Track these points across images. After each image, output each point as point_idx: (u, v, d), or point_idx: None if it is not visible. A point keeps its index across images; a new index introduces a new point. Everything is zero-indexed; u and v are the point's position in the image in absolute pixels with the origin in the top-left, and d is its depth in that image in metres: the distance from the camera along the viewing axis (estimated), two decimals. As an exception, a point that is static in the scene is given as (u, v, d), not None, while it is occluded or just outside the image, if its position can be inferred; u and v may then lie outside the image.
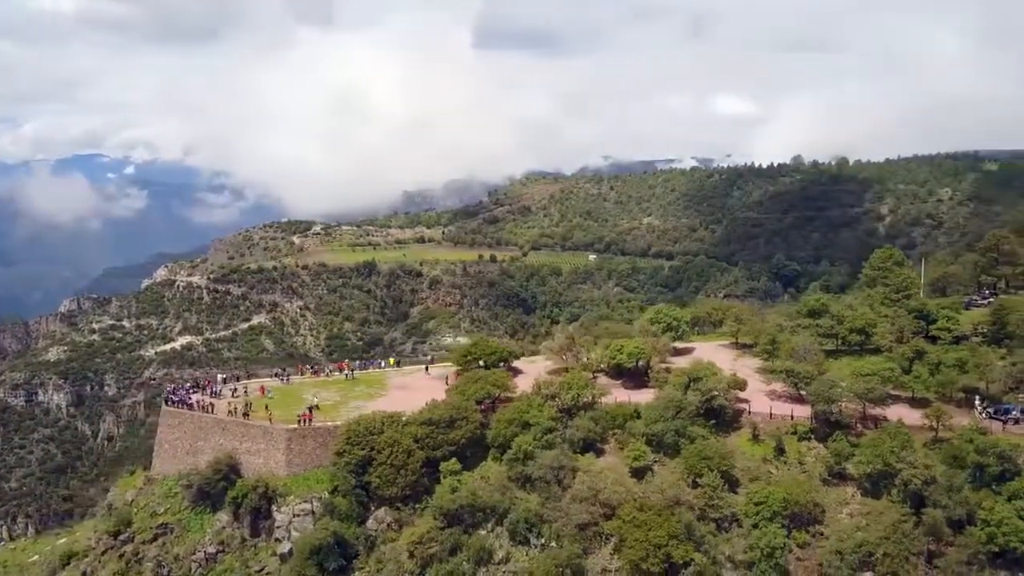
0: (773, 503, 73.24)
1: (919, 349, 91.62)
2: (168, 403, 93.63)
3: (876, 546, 69.24)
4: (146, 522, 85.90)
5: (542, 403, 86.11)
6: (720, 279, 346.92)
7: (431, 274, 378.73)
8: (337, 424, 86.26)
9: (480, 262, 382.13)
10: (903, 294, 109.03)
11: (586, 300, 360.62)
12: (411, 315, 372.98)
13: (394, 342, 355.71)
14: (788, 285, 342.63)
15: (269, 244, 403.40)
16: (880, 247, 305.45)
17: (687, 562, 71.58)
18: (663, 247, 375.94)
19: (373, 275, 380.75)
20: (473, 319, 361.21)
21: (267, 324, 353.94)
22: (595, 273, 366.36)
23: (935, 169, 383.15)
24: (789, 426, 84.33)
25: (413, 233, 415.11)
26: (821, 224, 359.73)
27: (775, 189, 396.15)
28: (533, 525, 77.87)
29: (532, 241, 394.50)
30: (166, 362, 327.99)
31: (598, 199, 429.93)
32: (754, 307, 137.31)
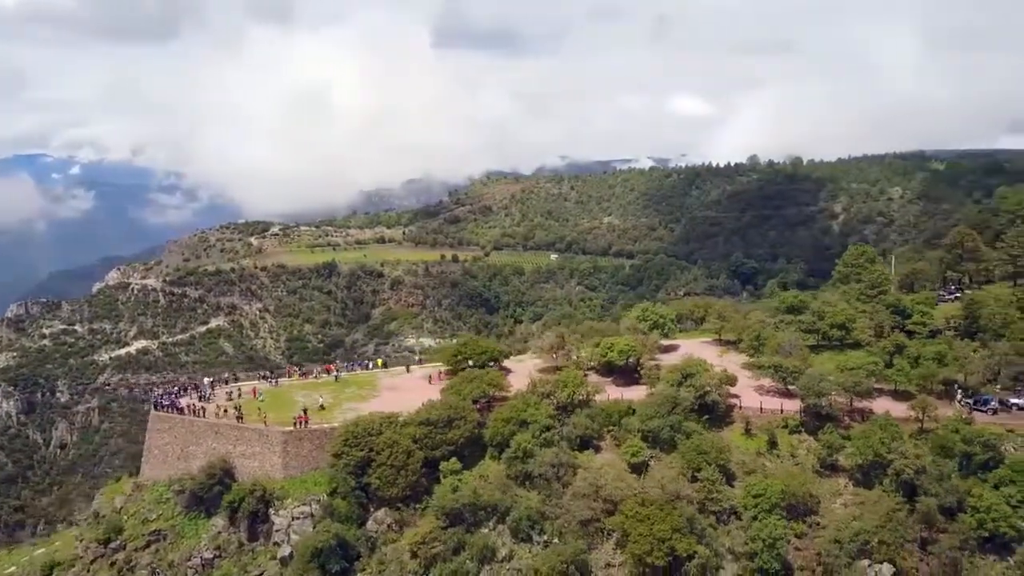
0: (772, 495, 74.90)
1: (899, 343, 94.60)
2: (157, 408, 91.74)
3: (872, 534, 71.33)
4: (138, 529, 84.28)
5: (538, 401, 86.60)
6: (680, 277, 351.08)
7: (392, 275, 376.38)
8: (334, 426, 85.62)
9: (442, 262, 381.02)
10: (878, 290, 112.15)
11: (549, 299, 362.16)
12: (373, 316, 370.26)
13: (355, 344, 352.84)
14: (746, 283, 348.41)
15: (226, 245, 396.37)
16: (833, 245, 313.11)
17: (690, 555, 72.86)
18: (623, 246, 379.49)
19: (333, 276, 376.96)
20: (436, 320, 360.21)
21: (226, 327, 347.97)
22: (557, 272, 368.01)
23: (885, 168, 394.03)
24: (780, 420, 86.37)
25: (373, 233, 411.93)
26: (777, 222, 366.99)
27: (732, 188, 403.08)
28: (535, 523, 78.46)
29: (494, 241, 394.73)
30: (121, 367, 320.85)
31: (559, 199, 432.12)
32: (732, 304, 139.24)
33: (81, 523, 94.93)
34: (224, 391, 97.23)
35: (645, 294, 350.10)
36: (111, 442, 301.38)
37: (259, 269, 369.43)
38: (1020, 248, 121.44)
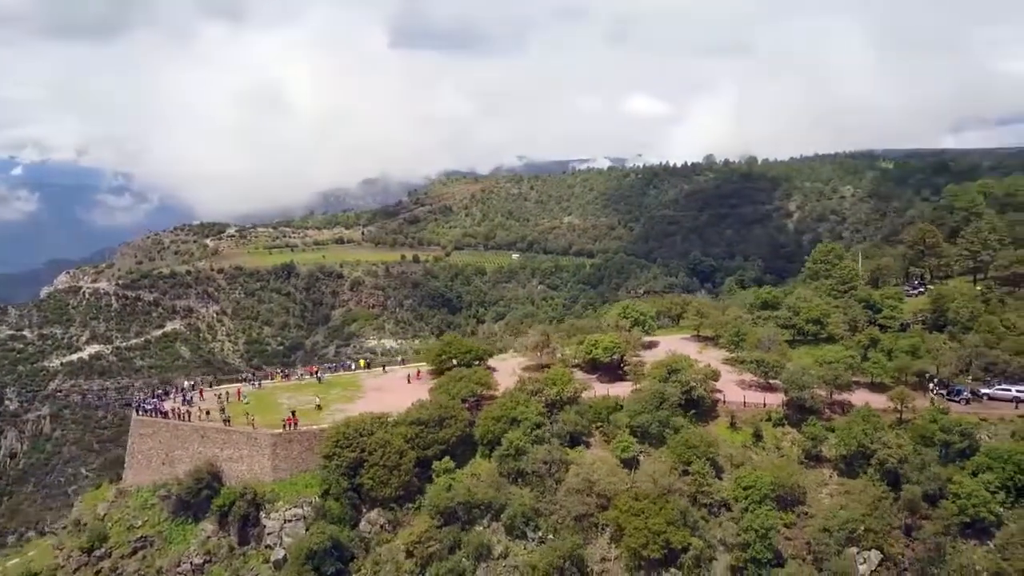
0: (762, 486, 76.61)
1: (874, 337, 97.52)
2: (140, 412, 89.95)
3: (859, 522, 73.51)
4: (123, 536, 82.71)
5: (527, 399, 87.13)
6: (640, 276, 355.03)
7: (352, 276, 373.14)
8: (323, 427, 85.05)
9: (403, 263, 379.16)
10: (848, 286, 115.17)
11: (511, 299, 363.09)
12: (333, 318, 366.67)
13: (316, 346, 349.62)
14: (704, 280, 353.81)
15: (181, 247, 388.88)
16: (788, 243, 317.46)
17: (685, 547, 74.34)
18: (584, 245, 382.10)
19: (292, 278, 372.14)
20: (398, 321, 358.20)
21: (182, 331, 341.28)
22: (519, 272, 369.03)
23: (837, 168, 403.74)
24: (763, 413, 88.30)
25: (332, 234, 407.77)
26: (734, 221, 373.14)
27: (690, 188, 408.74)
28: (529, 519, 79.10)
29: (455, 241, 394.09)
30: (73, 373, 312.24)
31: (519, 199, 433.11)
32: (710, 301, 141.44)
33: (58, 532, 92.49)
34: (211, 393, 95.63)
35: (606, 293, 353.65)
36: (64, 450, 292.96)
37: (216, 271, 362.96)
38: (980, 244, 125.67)
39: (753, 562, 73.51)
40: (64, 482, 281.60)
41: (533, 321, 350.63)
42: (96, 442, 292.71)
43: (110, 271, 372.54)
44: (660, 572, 74.84)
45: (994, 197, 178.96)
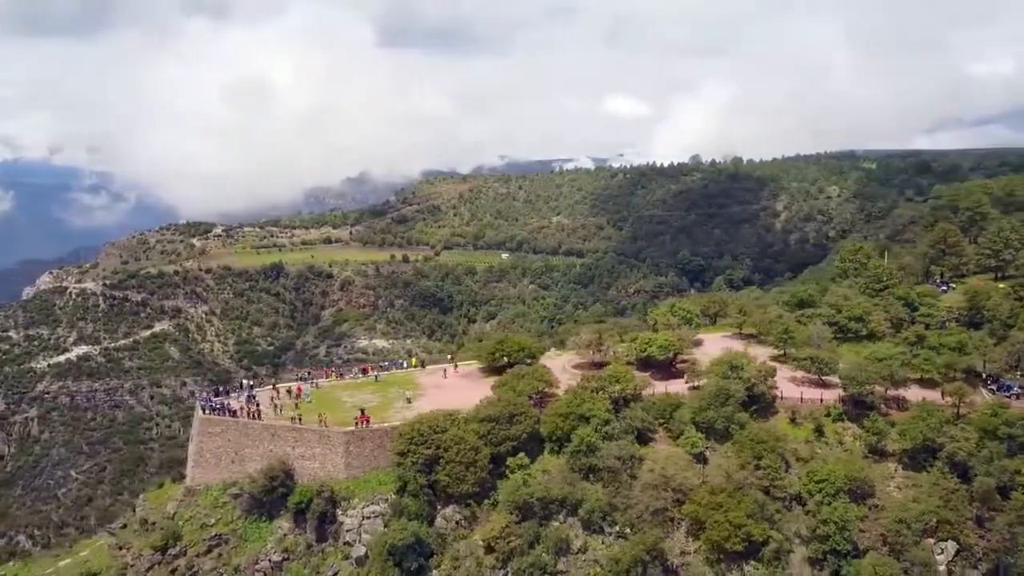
0: (835, 480, 78.46)
1: (919, 334, 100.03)
2: (206, 411, 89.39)
3: (934, 514, 75.70)
4: (196, 534, 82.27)
5: (593, 396, 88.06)
6: (630, 275, 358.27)
7: (342, 275, 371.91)
8: (394, 425, 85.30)
9: (392, 262, 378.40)
10: (883, 284, 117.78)
11: (502, 298, 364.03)
12: (323, 318, 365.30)
13: (306, 346, 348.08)
14: (694, 280, 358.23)
15: (167, 247, 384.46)
16: (775, 242, 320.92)
17: (765, 540, 75.93)
18: (573, 245, 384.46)
19: (281, 277, 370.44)
20: (389, 321, 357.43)
21: (171, 331, 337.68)
22: (510, 271, 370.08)
23: (822, 168, 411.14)
24: (822, 409, 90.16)
25: (319, 233, 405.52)
26: (722, 221, 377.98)
27: (677, 188, 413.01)
28: (606, 514, 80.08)
29: (444, 240, 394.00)
30: (61, 375, 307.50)
31: (507, 198, 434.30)
32: (750, 300, 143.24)
33: (116, 531, 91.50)
34: (266, 393, 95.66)
35: (596, 292, 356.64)
36: (52, 452, 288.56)
37: (204, 271, 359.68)
38: (1002, 243, 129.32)
39: (833, 553, 75.33)
40: (53, 485, 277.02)
41: (525, 321, 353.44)
42: (85, 444, 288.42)
43: (95, 271, 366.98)
44: (740, 565, 76.43)
45: (995, 197, 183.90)
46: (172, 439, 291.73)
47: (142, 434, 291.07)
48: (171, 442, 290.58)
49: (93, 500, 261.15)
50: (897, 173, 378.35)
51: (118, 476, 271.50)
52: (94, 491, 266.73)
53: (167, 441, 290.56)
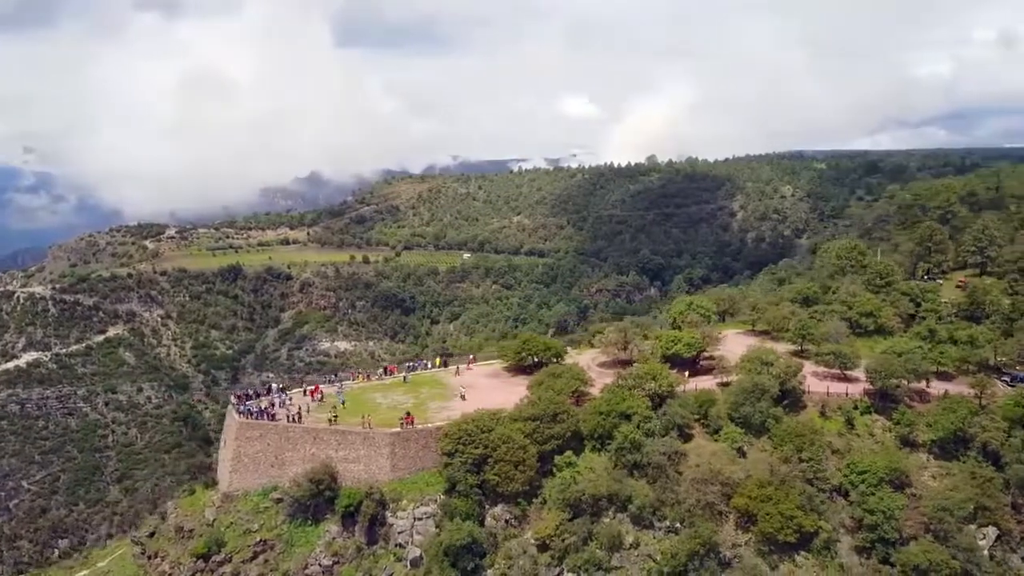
0: (878, 471, 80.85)
1: (931, 328, 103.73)
2: (244, 415, 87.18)
3: (974, 502, 78.71)
4: (240, 540, 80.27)
5: (632, 394, 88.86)
6: (592, 275, 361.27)
7: (301, 277, 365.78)
8: (439, 425, 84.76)
9: (352, 263, 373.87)
10: (885, 280, 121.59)
11: (465, 299, 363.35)
12: (283, 320, 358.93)
13: (266, 349, 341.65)
14: (654, 279, 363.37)
15: (118, 249, 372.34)
16: (733, 241, 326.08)
17: (815, 531, 77.87)
18: (534, 245, 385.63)
19: (238, 280, 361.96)
20: (351, 323, 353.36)
21: (125, 336, 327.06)
22: (472, 272, 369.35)
23: (775, 168, 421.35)
24: (850, 402, 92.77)
25: (276, 235, 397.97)
26: (680, 220, 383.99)
27: (635, 188, 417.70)
28: (656, 509, 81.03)
29: (404, 241, 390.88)
30: (10, 382, 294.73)
31: (466, 198, 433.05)
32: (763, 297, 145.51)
33: (142, 540, 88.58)
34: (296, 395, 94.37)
35: (560, 292, 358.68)
36: (3, 463, 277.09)
37: (158, 274, 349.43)
38: (987, 240, 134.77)
39: (881, 542, 77.61)
40: (4, 497, 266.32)
41: (489, 321, 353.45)
42: (38, 454, 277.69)
43: (42, 275, 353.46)
44: (792, 556, 78.20)
45: (959, 196, 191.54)
46: (129, 447, 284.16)
47: (97, 442, 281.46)
48: (127, 449, 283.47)
49: (47, 511, 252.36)
50: (848, 173, 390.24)
51: (73, 486, 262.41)
52: (48, 502, 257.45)
53: (124, 449, 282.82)
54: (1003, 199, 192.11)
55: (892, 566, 76.54)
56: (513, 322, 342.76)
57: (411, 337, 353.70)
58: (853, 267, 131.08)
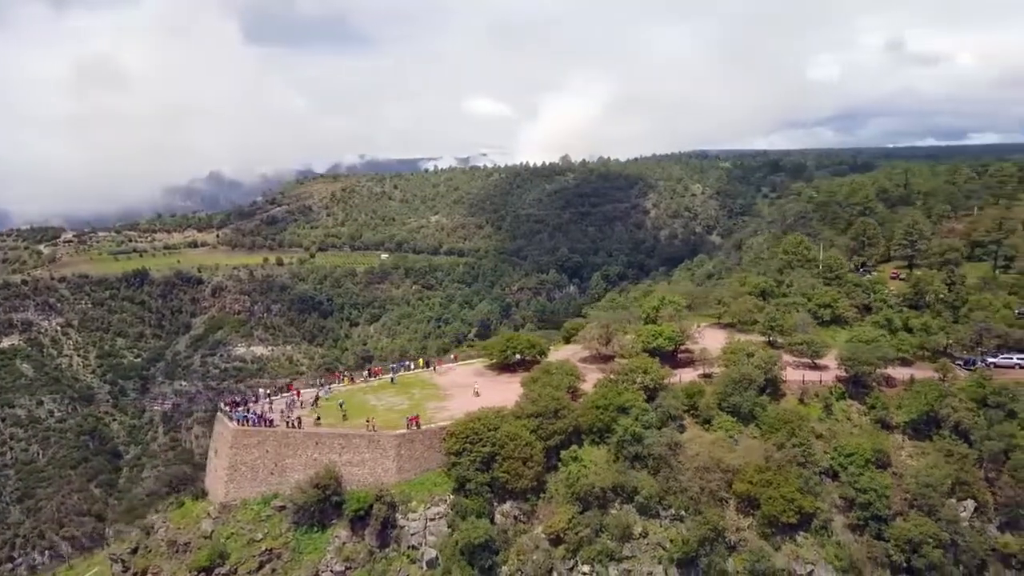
0: (864, 452, 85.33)
1: (888, 317, 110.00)
2: (239, 422, 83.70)
3: (953, 477, 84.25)
4: (244, 551, 77.17)
5: (627, 388, 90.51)
6: (513, 273, 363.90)
7: (213, 281, 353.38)
8: (443, 425, 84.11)
9: (266, 266, 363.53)
10: (835, 273, 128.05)
11: (385, 300, 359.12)
12: (194, 326, 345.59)
13: (178, 356, 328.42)
14: (573, 276, 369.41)
15: (9, 255, 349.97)
16: (646, 238, 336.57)
17: (814, 512, 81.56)
18: (454, 244, 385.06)
19: (145, 285, 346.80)
20: (267, 327, 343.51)
21: (22, 346, 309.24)
22: (392, 272, 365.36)
23: (684, 167, 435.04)
24: (825, 389, 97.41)
25: (183, 237, 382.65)
26: (596, 219, 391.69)
27: (552, 187, 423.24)
28: (661, 499, 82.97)
29: (319, 242, 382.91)
30: None
31: (382, 197, 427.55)
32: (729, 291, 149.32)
33: (122, 557, 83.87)
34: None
35: (481, 291, 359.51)
36: None
37: (56, 280, 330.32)
38: (916, 234, 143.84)
39: (874, 519, 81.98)
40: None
41: (411, 322, 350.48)
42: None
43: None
44: (793, 537, 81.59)
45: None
46: (29, 464, 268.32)
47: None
48: (28, 467, 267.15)
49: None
50: (752, 171, 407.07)
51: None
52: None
53: (24, 467, 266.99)
54: (911, 195, 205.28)
55: (886, 541, 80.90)
56: (436, 322, 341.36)
57: (330, 340, 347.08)
58: (799, 261, 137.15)
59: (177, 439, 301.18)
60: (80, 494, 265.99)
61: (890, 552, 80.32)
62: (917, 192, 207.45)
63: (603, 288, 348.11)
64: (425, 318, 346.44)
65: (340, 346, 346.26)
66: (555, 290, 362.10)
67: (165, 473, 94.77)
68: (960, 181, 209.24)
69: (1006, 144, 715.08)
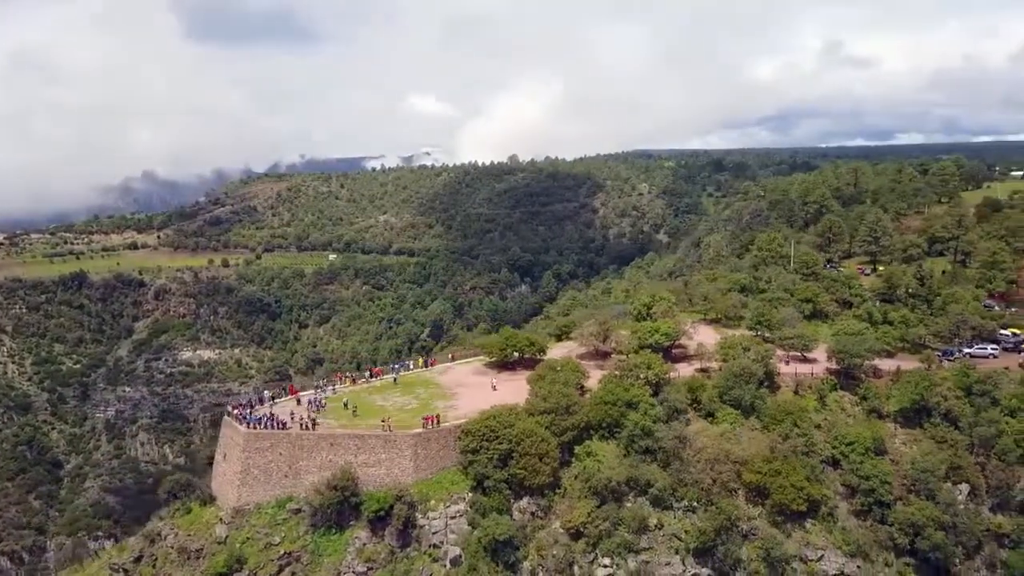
0: (864, 440, 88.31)
1: (869, 311, 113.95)
2: (252, 426, 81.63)
3: (948, 462, 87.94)
4: (262, 556, 75.54)
5: (633, 384, 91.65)
6: (465, 272, 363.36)
7: (156, 283, 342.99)
8: (458, 423, 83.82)
9: (211, 267, 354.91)
10: (811, 269, 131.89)
11: (335, 301, 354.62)
12: (137, 330, 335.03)
13: (120, 362, 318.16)
14: (525, 275, 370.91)
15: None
16: (596, 237, 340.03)
17: (821, 499, 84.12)
18: (404, 244, 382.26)
19: (84, 288, 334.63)
20: (214, 330, 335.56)
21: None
22: (341, 273, 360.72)
23: (631, 167, 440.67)
24: (818, 381, 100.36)
25: (122, 239, 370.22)
26: (546, 218, 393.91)
27: (501, 187, 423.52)
28: (674, 491, 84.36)
29: (265, 243, 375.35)
30: None
31: (328, 197, 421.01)
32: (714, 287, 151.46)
33: (124, 566, 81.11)
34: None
35: (433, 290, 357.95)
36: None
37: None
38: (880, 231, 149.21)
39: (877, 504, 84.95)
40: None
41: (362, 323, 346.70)
42: None
43: None
44: (802, 523, 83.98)
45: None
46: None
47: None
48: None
49: None
50: (697, 171, 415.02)
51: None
52: None
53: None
54: (861, 194, 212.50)
55: (889, 525, 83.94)
56: (388, 323, 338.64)
57: (279, 343, 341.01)
58: (773, 258, 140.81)
59: (122, 447, 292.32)
60: (18, 507, 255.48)
61: (894, 535, 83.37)
62: (866, 190, 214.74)
63: (555, 287, 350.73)
64: (376, 319, 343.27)
65: (290, 348, 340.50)
66: (507, 289, 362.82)
67: (168, 479, 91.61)
68: (906, 180, 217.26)
69: (931, 144, 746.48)
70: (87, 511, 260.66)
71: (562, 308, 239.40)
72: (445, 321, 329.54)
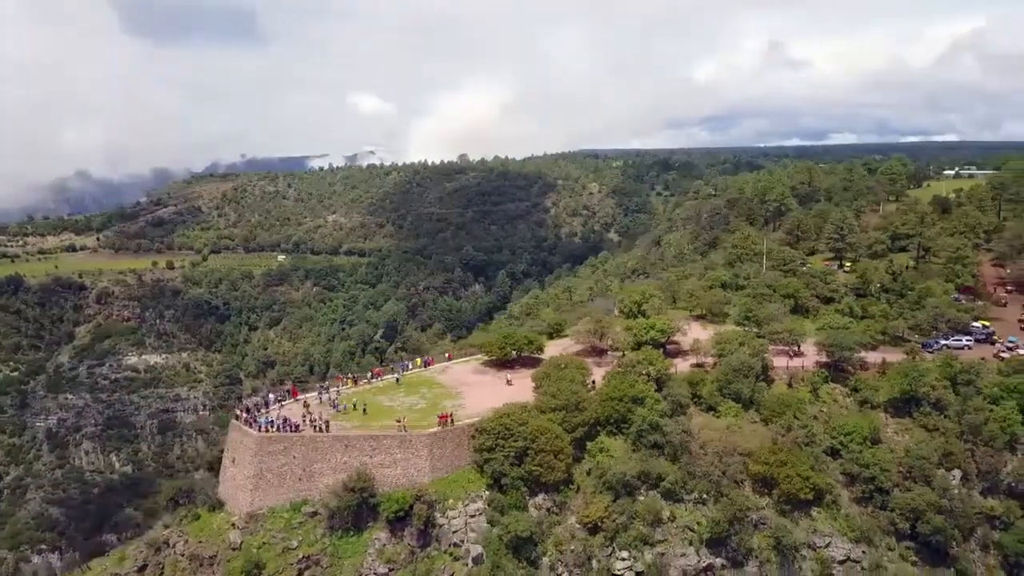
0: (862, 430, 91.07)
1: (850, 306, 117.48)
2: (264, 429, 79.59)
3: (942, 449, 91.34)
4: (280, 560, 73.91)
5: (637, 380, 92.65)
6: (418, 272, 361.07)
7: (97, 286, 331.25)
8: (472, 422, 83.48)
9: (155, 269, 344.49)
10: (788, 266, 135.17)
11: (285, 302, 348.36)
12: (78, 335, 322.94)
13: (61, 368, 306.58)
14: (479, 274, 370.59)
15: None
16: (548, 236, 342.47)
17: (826, 488, 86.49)
18: (354, 244, 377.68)
19: (19, 292, 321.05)
20: (160, 333, 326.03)
21: None
22: (291, 274, 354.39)
23: (580, 166, 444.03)
24: (810, 374, 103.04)
25: (59, 241, 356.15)
26: (499, 217, 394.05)
27: (453, 186, 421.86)
28: (685, 483, 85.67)
29: (210, 244, 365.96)
30: None
31: (276, 197, 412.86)
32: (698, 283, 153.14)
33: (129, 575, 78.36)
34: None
35: (387, 291, 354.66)
36: None
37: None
38: (847, 228, 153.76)
39: (878, 491, 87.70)
40: None
41: (313, 324, 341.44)
42: None
43: None
44: (808, 512, 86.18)
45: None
46: None
47: None
48: None
49: None
50: (645, 170, 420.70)
51: None
52: None
53: None
54: (815, 192, 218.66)
55: (890, 511, 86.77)
56: (340, 324, 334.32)
57: (229, 346, 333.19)
58: (748, 255, 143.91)
59: (65, 457, 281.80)
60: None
61: (895, 521, 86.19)
62: (820, 189, 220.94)
63: (508, 286, 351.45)
64: (328, 320, 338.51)
65: (240, 352, 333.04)
66: (461, 289, 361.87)
67: (170, 486, 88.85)
68: (857, 179, 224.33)
69: (863, 144, 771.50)
70: (29, 524, 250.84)
71: (524, 307, 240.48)
72: (399, 322, 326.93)
